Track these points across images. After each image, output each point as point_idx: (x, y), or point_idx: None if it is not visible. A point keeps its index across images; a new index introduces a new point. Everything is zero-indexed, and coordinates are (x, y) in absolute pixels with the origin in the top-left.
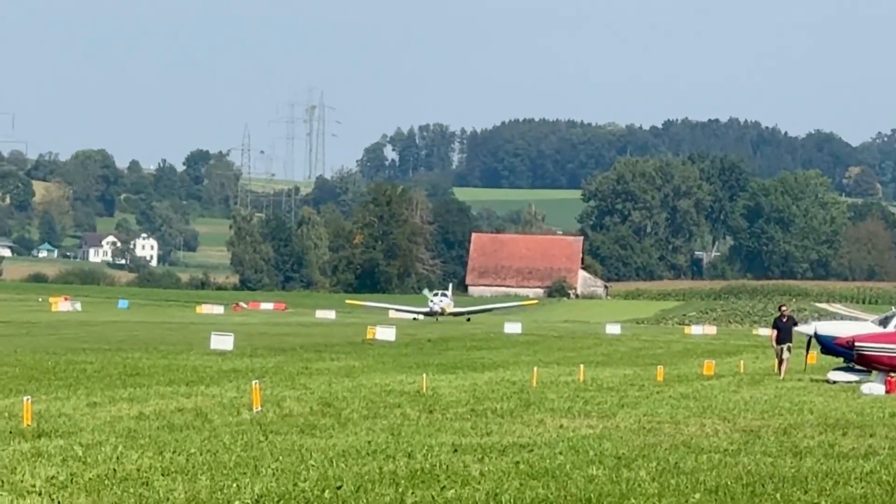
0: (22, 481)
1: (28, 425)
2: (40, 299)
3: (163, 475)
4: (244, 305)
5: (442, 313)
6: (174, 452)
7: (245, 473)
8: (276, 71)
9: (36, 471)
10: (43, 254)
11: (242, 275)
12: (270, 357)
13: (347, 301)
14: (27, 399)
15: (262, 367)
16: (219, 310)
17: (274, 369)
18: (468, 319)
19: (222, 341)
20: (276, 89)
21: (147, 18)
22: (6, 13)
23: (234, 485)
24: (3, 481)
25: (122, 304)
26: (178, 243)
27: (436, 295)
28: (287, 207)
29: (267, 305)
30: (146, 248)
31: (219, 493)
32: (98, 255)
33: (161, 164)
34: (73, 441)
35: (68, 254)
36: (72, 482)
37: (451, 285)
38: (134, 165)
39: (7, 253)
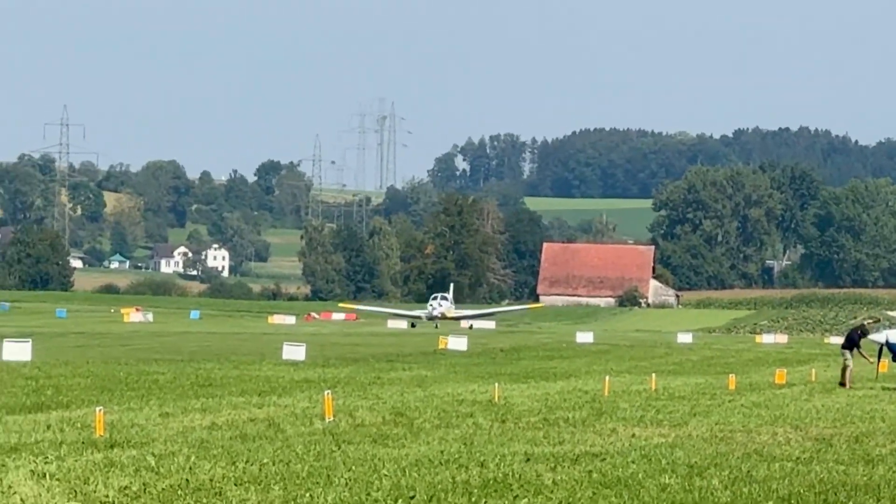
0: (95, 491)
1: (101, 435)
2: (112, 310)
3: (235, 485)
4: (316, 316)
5: (442, 318)
6: (247, 462)
7: (318, 483)
8: (347, 81)
9: (109, 481)
10: (114, 265)
11: (314, 285)
12: (342, 367)
13: (340, 304)
14: (100, 409)
15: (335, 377)
16: (290, 320)
17: (346, 379)
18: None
19: (294, 351)
20: (347, 100)
21: (218, 31)
22: (77, 25)
23: (308, 495)
24: (76, 491)
25: (194, 314)
26: (249, 254)
27: (434, 299)
28: (358, 217)
29: (338, 315)
30: (217, 258)
31: (292, 502)
32: (169, 266)
33: (232, 175)
34: (145, 451)
35: (140, 265)
36: (145, 492)
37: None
38: (205, 176)
39: (79, 264)
